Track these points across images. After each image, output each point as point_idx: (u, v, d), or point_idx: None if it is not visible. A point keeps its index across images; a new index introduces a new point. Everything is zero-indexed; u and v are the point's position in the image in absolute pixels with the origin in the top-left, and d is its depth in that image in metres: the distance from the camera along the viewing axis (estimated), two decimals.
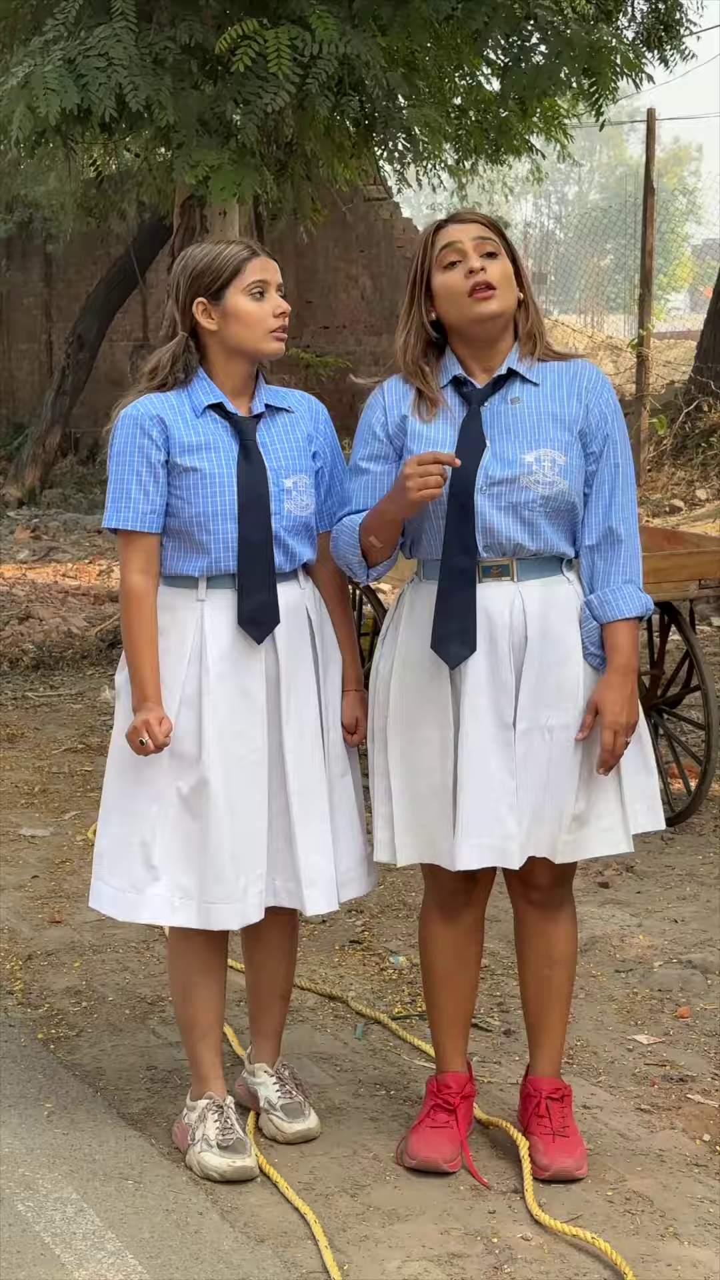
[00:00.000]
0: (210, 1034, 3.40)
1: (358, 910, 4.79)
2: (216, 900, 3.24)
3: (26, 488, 15.59)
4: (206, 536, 3.24)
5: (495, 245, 3.16)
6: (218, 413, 3.28)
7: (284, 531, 3.28)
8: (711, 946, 4.49)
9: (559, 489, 3.16)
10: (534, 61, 7.18)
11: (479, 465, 3.14)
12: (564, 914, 3.34)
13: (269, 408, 3.33)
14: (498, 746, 3.17)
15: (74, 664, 8.47)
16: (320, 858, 3.31)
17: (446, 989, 3.37)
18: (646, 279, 12.85)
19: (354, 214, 15.04)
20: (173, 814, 3.27)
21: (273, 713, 3.29)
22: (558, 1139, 3.28)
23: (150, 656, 3.24)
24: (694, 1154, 3.37)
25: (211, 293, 3.26)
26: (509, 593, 3.18)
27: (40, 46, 6.50)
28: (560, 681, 3.18)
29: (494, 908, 4.55)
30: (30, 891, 5.02)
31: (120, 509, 3.26)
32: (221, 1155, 3.26)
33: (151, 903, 3.28)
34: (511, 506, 3.15)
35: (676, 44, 7.89)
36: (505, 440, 3.17)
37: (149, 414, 3.25)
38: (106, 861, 3.35)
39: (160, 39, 6.64)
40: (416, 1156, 3.28)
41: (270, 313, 3.25)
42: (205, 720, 3.24)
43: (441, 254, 3.16)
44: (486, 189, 15.61)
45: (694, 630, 5.59)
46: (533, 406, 3.19)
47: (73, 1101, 3.61)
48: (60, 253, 18.41)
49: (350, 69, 6.61)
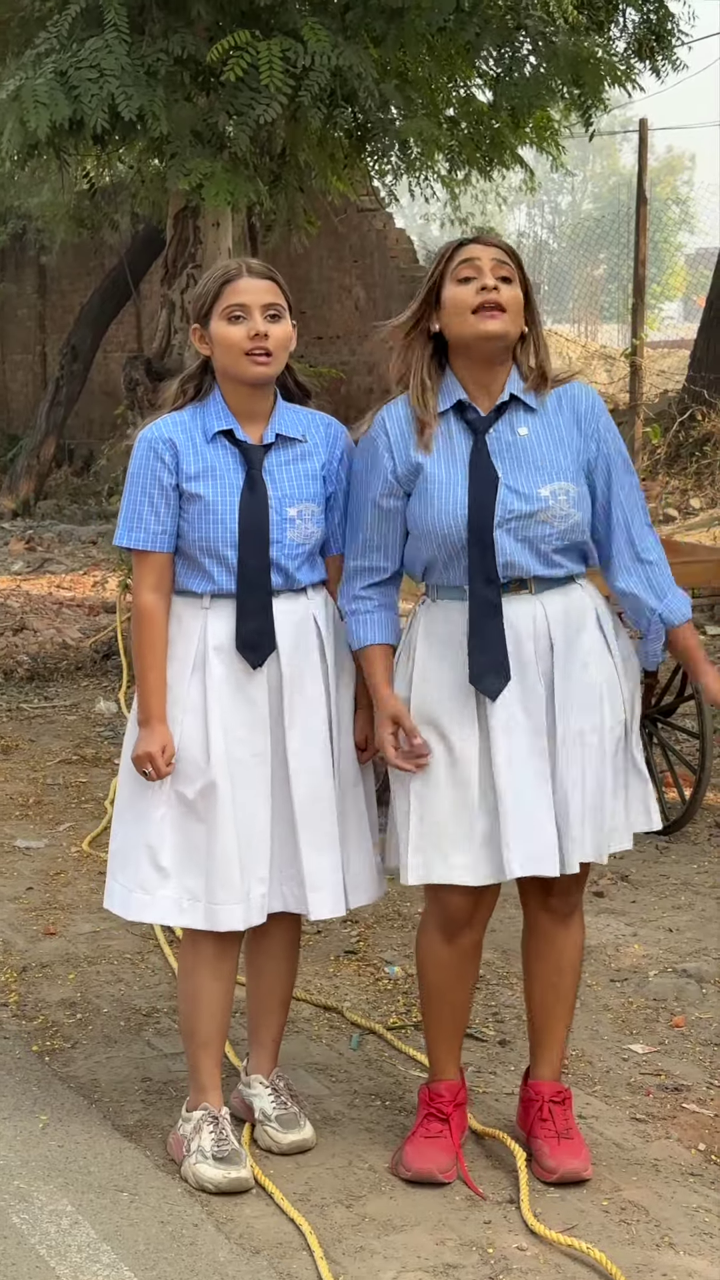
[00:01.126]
0: (212, 1043, 3.41)
1: (353, 921, 4.79)
2: (223, 902, 3.27)
3: (21, 499, 15.59)
4: (209, 561, 3.28)
5: (512, 273, 3.19)
6: (228, 439, 3.30)
7: (284, 558, 3.30)
8: (706, 955, 4.49)
9: (573, 521, 3.20)
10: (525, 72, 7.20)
11: (495, 499, 3.16)
12: (576, 920, 3.37)
13: (280, 438, 3.33)
14: (533, 755, 3.20)
15: (69, 675, 8.47)
16: (325, 862, 3.32)
17: (443, 1003, 3.37)
18: (639, 288, 12.86)
19: (347, 225, 15.06)
20: (179, 818, 3.30)
21: (275, 718, 3.31)
22: (563, 1141, 3.29)
23: (158, 674, 3.27)
24: (689, 1163, 3.37)
25: (201, 318, 3.30)
26: (530, 604, 3.21)
27: (32, 59, 6.52)
28: (587, 685, 3.23)
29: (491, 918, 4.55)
30: (25, 903, 5.02)
31: (132, 528, 3.30)
32: (216, 1166, 3.26)
33: (160, 904, 3.32)
34: (528, 540, 3.18)
35: (668, 54, 7.92)
36: (518, 473, 3.18)
37: (161, 437, 3.29)
38: (118, 860, 3.40)
39: (153, 50, 6.66)
40: (412, 1168, 3.28)
41: (245, 335, 3.23)
42: (211, 726, 3.27)
43: (459, 268, 3.18)
44: (480, 199, 15.62)
45: None
46: (540, 437, 3.21)
47: (68, 1113, 3.61)
48: (54, 264, 18.43)
49: (343, 80, 6.62)
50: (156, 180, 8.77)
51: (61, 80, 6.38)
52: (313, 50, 6.42)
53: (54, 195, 13.57)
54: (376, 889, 3.44)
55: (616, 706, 3.28)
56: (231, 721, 3.28)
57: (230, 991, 3.42)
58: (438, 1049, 3.40)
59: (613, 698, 3.27)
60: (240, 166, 6.97)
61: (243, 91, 6.52)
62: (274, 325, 3.26)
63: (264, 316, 3.25)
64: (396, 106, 7.43)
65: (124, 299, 16.47)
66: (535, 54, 7.28)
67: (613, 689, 3.27)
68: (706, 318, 12.60)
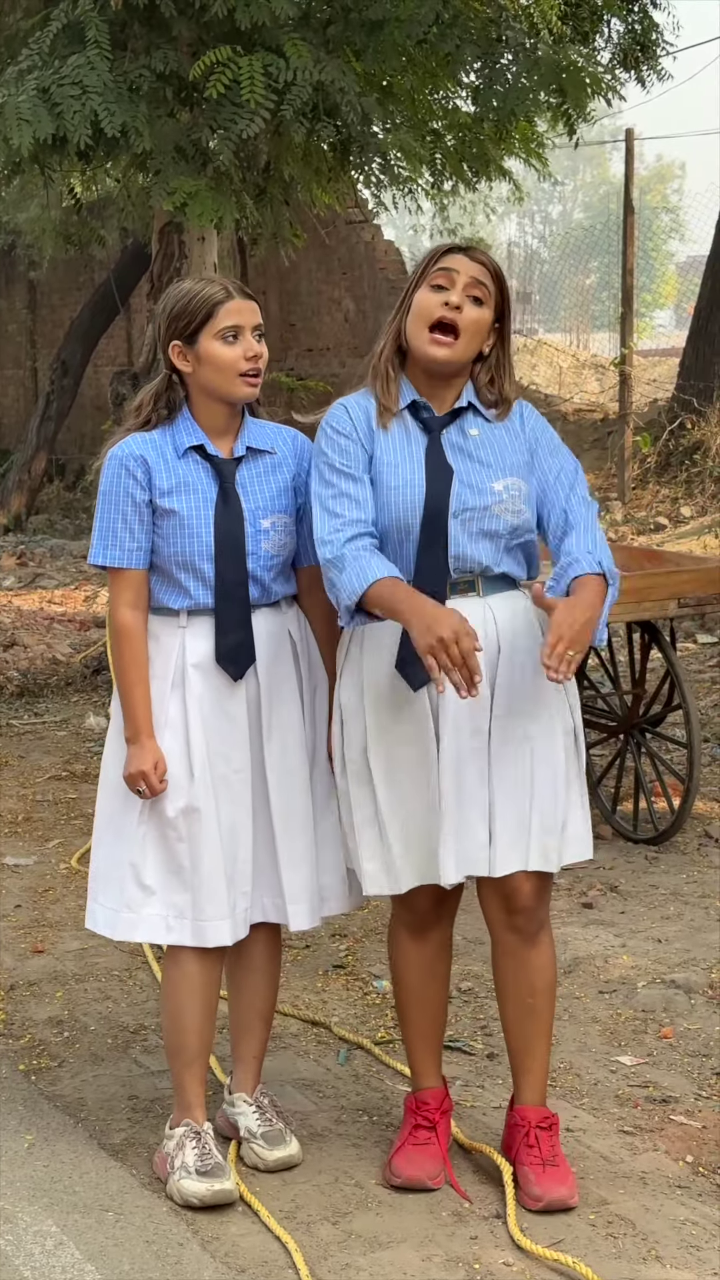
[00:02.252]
0: (197, 1061, 3.40)
1: (341, 935, 4.78)
2: (211, 918, 3.28)
3: (12, 514, 15.59)
4: (185, 575, 3.29)
5: (486, 295, 3.18)
6: (199, 454, 3.32)
7: (260, 569, 3.32)
8: (695, 966, 4.48)
9: (525, 517, 3.24)
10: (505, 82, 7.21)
11: (450, 492, 3.17)
12: (544, 938, 3.33)
13: (251, 450, 3.35)
14: (472, 756, 3.20)
15: (59, 691, 8.46)
16: (302, 874, 3.35)
17: (419, 1006, 3.38)
18: (628, 297, 12.89)
19: (335, 237, 15.08)
20: (160, 835, 3.30)
21: (254, 733, 3.33)
22: (549, 1168, 3.27)
23: (142, 691, 3.29)
24: (677, 1176, 3.36)
25: (186, 336, 3.30)
26: (479, 606, 3.22)
27: (15, 76, 6.52)
28: (535, 691, 3.22)
29: (478, 929, 4.54)
30: (13, 921, 5.01)
31: (107, 546, 3.31)
32: (200, 1180, 3.26)
33: (147, 922, 3.32)
34: (481, 533, 3.21)
35: (653, 64, 7.94)
36: (471, 469, 3.22)
37: (133, 454, 3.30)
38: (100, 882, 3.39)
39: (135, 67, 6.67)
40: (402, 1175, 3.28)
41: (241, 356, 3.27)
42: (192, 743, 3.28)
43: (436, 274, 3.19)
44: (468, 210, 15.64)
45: (675, 649, 5.60)
46: (490, 438, 3.25)
47: (54, 1133, 3.60)
48: (44, 279, 18.45)
49: (325, 95, 6.63)
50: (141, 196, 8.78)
51: (44, 97, 6.39)
52: (294, 66, 6.43)
53: (41, 211, 13.59)
54: (349, 899, 3.44)
55: (564, 715, 3.28)
56: (212, 738, 3.29)
57: (214, 1008, 3.42)
58: (418, 1055, 3.41)
59: (559, 707, 3.26)
60: (225, 182, 6.98)
61: (225, 107, 6.53)
62: (261, 346, 3.32)
63: (254, 337, 3.29)
64: (379, 120, 7.44)
65: (113, 314, 16.48)
66: (516, 64, 7.29)
67: (559, 698, 3.26)
68: (695, 326, 12.61)
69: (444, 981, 3.41)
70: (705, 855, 5.47)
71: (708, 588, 5.39)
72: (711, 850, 5.51)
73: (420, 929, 3.34)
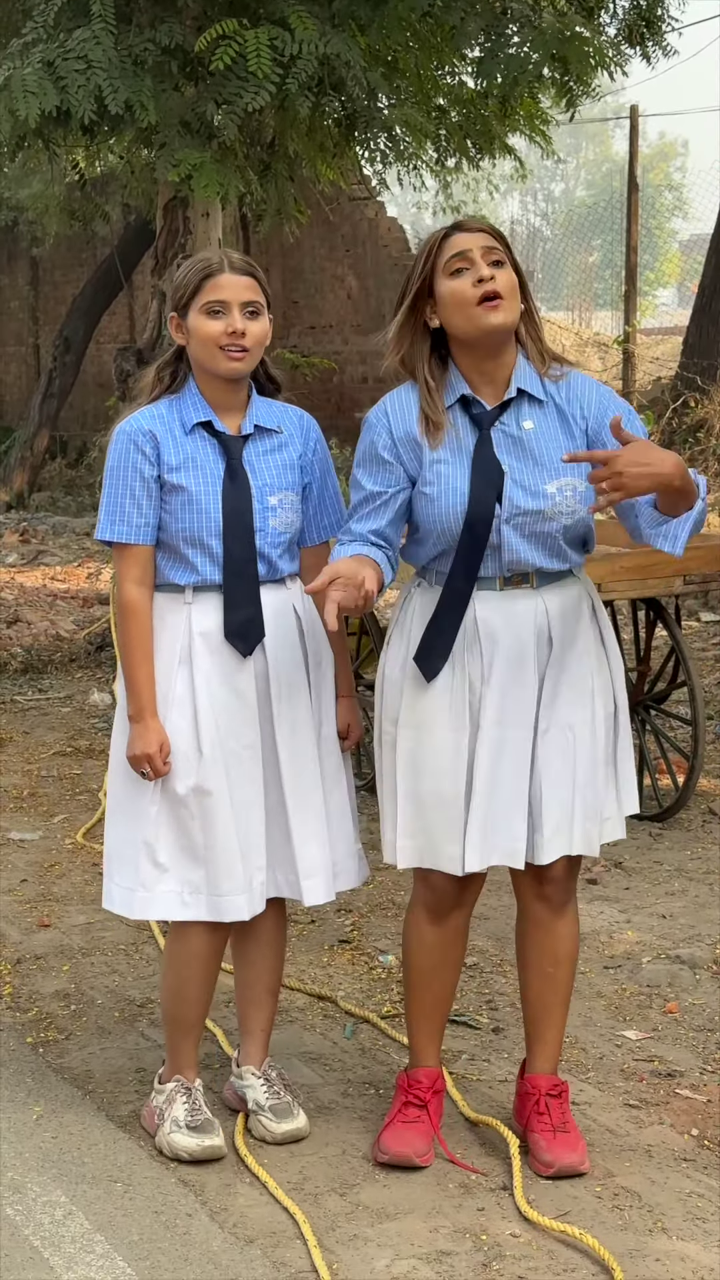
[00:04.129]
0: (194, 1030, 3.45)
1: (347, 909, 4.79)
2: (228, 893, 3.29)
3: (14, 491, 15.58)
4: (192, 551, 3.28)
5: (502, 255, 3.15)
6: (207, 430, 3.31)
7: (268, 547, 3.32)
8: (700, 942, 4.49)
9: (579, 516, 3.19)
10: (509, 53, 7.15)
11: (501, 494, 3.14)
12: (570, 910, 3.36)
13: (258, 428, 3.34)
14: (515, 749, 3.20)
15: (62, 667, 8.47)
16: (316, 849, 3.36)
17: (428, 988, 3.38)
18: (631, 275, 12.86)
19: (339, 214, 15.04)
20: (173, 813, 3.31)
21: (264, 709, 3.33)
22: (559, 1135, 3.29)
23: (147, 668, 3.28)
24: (682, 1149, 3.37)
25: (180, 308, 3.30)
26: (532, 600, 3.21)
27: (19, 49, 6.50)
28: (577, 678, 3.23)
29: (483, 905, 4.56)
30: (19, 895, 5.02)
31: (115, 521, 3.30)
32: (190, 1135, 3.30)
33: (162, 899, 3.32)
34: (535, 535, 3.17)
35: (659, 40, 7.89)
36: (525, 468, 3.15)
37: (141, 429, 3.29)
38: (115, 862, 3.40)
39: (140, 40, 6.64)
40: (389, 1151, 3.30)
41: (222, 331, 3.24)
42: (201, 720, 3.28)
43: (449, 261, 3.13)
44: (471, 187, 15.58)
45: (680, 626, 5.60)
46: (545, 431, 3.17)
47: (62, 1105, 3.61)
48: (46, 256, 18.40)
49: (330, 69, 6.61)
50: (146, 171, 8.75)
51: (49, 70, 6.36)
52: (300, 39, 6.40)
53: (45, 187, 13.55)
54: (359, 874, 3.46)
55: (607, 698, 3.28)
56: (221, 715, 3.29)
57: (215, 980, 3.45)
58: (419, 1035, 3.41)
59: (604, 690, 3.27)
60: (229, 156, 6.95)
61: (230, 80, 6.50)
62: (252, 322, 3.26)
63: (243, 313, 3.25)
64: (384, 94, 7.41)
65: (116, 290, 16.45)
66: (520, 35, 7.25)
67: (604, 680, 3.28)
68: (699, 304, 12.56)
69: (455, 967, 3.41)
70: (709, 832, 5.48)
71: (714, 565, 5.38)
72: (715, 827, 5.52)
73: (440, 911, 3.33)
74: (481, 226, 3.20)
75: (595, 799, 3.26)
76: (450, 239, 3.17)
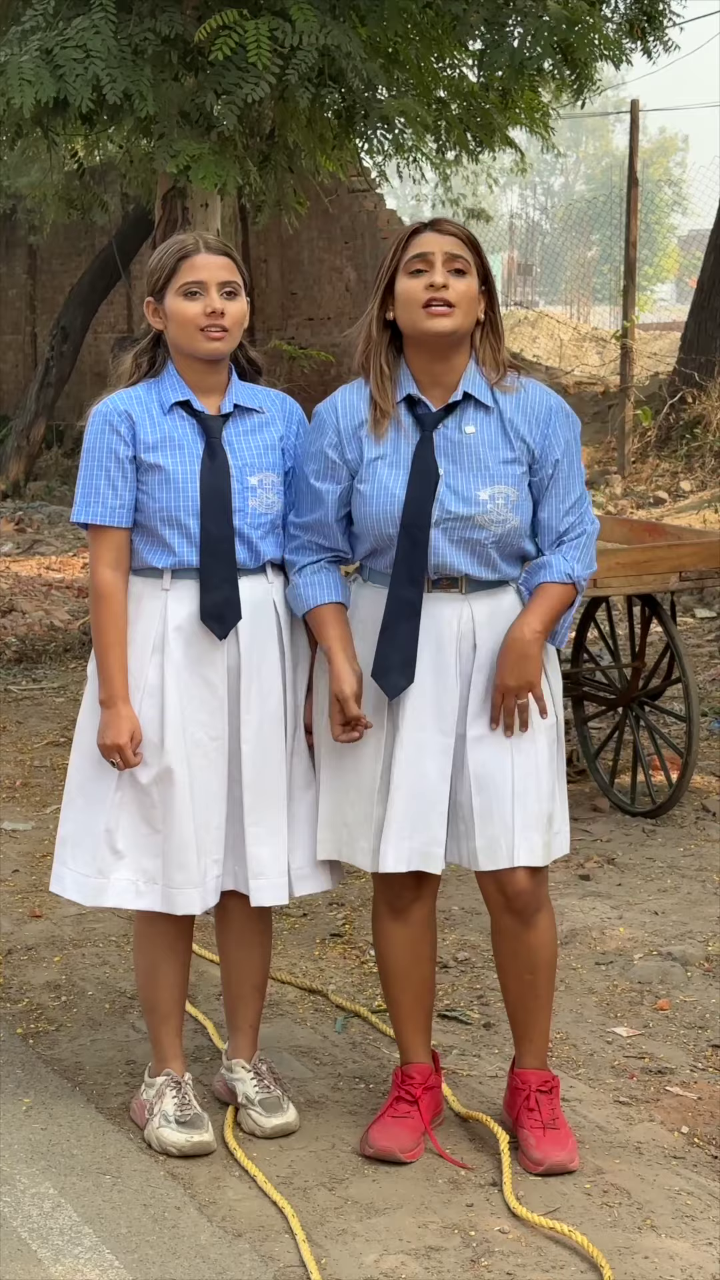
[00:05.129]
0: (172, 1016, 3.44)
1: (338, 904, 4.79)
2: (180, 885, 3.27)
3: (10, 480, 15.55)
4: (170, 532, 3.26)
5: (466, 264, 3.15)
6: (185, 410, 3.29)
7: (248, 528, 3.29)
8: (691, 939, 4.49)
9: (511, 526, 3.19)
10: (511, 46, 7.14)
11: (434, 498, 3.15)
12: (541, 919, 3.33)
13: (239, 408, 3.33)
14: (436, 753, 3.21)
15: (57, 657, 8.46)
16: (267, 850, 3.32)
17: (404, 984, 3.39)
18: (630, 270, 12.85)
19: (338, 205, 15.01)
20: (134, 800, 3.30)
21: (233, 702, 3.32)
22: (549, 1132, 3.29)
23: (119, 653, 3.26)
24: (672, 1146, 3.37)
25: (156, 292, 3.29)
26: (458, 605, 3.22)
27: (18, 37, 6.48)
28: None
29: (474, 899, 4.55)
30: (11, 886, 5.01)
31: (90, 503, 3.28)
32: (179, 1130, 3.30)
33: (115, 886, 3.32)
34: (465, 541, 3.18)
35: (659, 34, 7.88)
36: (459, 473, 3.17)
37: (117, 410, 3.28)
38: (69, 847, 3.38)
39: (140, 30, 6.62)
40: (375, 1145, 3.30)
41: (201, 312, 3.23)
42: (168, 709, 3.26)
43: (411, 260, 3.15)
44: (471, 180, 15.56)
45: (675, 622, 5.60)
46: (486, 438, 3.19)
47: (51, 1096, 3.61)
48: (44, 244, 18.35)
49: (331, 60, 6.59)
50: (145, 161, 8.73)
51: (47, 58, 6.35)
52: (300, 29, 6.38)
53: (43, 175, 13.51)
54: (324, 879, 3.42)
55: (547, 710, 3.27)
56: (189, 704, 3.27)
57: (186, 966, 3.45)
58: (404, 1032, 3.42)
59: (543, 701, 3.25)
60: (229, 147, 6.93)
61: (230, 71, 6.49)
62: (229, 303, 3.26)
63: (220, 294, 3.25)
64: (384, 86, 7.39)
65: (114, 280, 16.41)
66: (523, 26, 7.23)
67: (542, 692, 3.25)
68: (698, 300, 12.56)
69: (428, 960, 3.42)
70: (702, 829, 5.48)
71: (709, 561, 5.38)
72: (709, 824, 5.52)
73: (399, 906, 3.34)
74: (453, 230, 3.19)
75: (538, 809, 3.23)
76: (418, 237, 3.18)
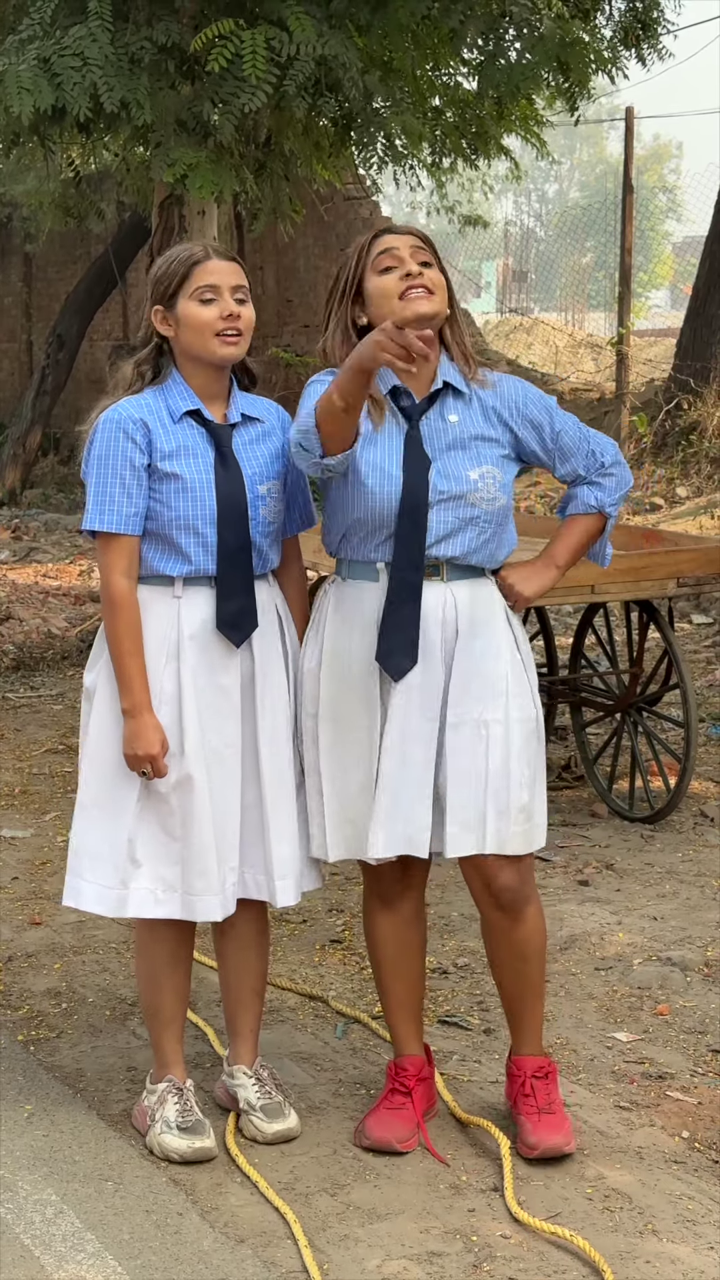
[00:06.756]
0: (174, 1023, 3.45)
1: (338, 909, 4.79)
2: (200, 893, 3.29)
3: (7, 488, 15.55)
4: (186, 540, 3.27)
5: (429, 257, 3.24)
6: (195, 419, 3.31)
7: (259, 536, 3.32)
8: (691, 944, 4.50)
9: (500, 504, 3.27)
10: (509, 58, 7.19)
11: (428, 481, 3.20)
12: (529, 913, 3.36)
13: (245, 417, 3.36)
14: (420, 740, 3.24)
15: (54, 665, 8.46)
16: (289, 849, 3.36)
17: (395, 975, 3.43)
18: (625, 276, 12.87)
19: (333, 213, 15.03)
20: (153, 809, 3.30)
21: (247, 707, 3.33)
22: (544, 1116, 3.32)
23: (138, 662, 3.27)
24: (673, 1151, 3.38)
25: (166, 299, 3.30)
26: (439, 591, 3.26)
27: (15, 45, 6.49)
28: (491, 677, 3.26)
29: (474, 906, 4.55)
30: (10, 893, 5.02)
31: (104, 511, 3.28)
32: (181, 1137, 3.31)
33: (135, 896, 3.32)
34: (456, 520, 3.24)
35: (654, 43, 7.91)
36: (448, 457, 3.25)
37: (131, 417, 3.28)
38: (86, 859, 3.37)
39: (137, 39, 6.64)
40: (371, 1136, 3.34)
41: (217, 316, 3.26)
42: (186, 716, 3.28)
43: (378, 259, 3.22)
44: (466, 187, 15.58)
45: (673, 628, 5.61)
46: (468, 423, 3.27)
47: (53, 1103, 3.61)
48: (40, 252, 18.37)
49: (327, 70, 6.61)
50: (141, 169, 8.74)
51: (44, 67, 6.36)
52: (297, 40, 6.40)
53: (39, 183, 13.53)
54: (317, 877, 3.46)
55: (525, 702, 3.30)
56: (205, 711, 3.29)
57: (188, 973, 3.46)
58: (397, 1024, 3.46)
59: (520, 693, 3.29)
60: (225, 155, 6.95)
61: (227, 80, 6.51)
62: (242, 307, 3.30)
63: (233, 298, 3.28)
64: (380, 97, 7.41)
65: (110, 287, 16.43)
66: (520, 39, 7.27)
67: (520, 684, 3.30)
68: (693, 306, 12.58)
69: (418, 951, 3.47)
70: (701, 834, 5.49)
71: (707, 567, 5.39)
72: (707, 829, 5.53)
73: (389, 897, 3.39)
74: (410, 230, 3.29)
75: (512, 799, 3.25)
76: (379, 239, 3.26)
